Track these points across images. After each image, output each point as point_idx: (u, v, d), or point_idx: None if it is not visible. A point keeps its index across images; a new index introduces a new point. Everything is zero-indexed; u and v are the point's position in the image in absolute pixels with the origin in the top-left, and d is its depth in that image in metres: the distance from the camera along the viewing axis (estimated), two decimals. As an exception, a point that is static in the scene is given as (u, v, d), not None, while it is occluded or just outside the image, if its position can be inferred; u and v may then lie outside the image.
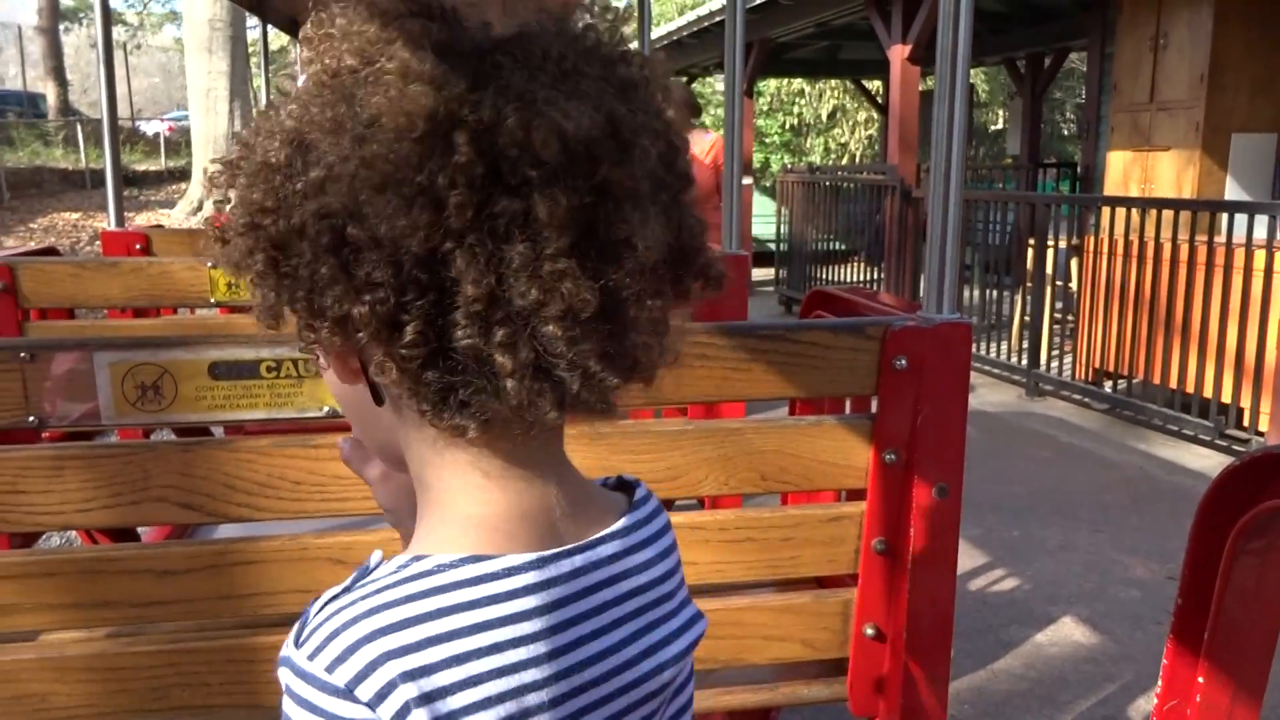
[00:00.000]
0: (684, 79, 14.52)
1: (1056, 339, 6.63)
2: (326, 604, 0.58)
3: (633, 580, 0.64)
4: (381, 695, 0.54)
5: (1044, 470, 4.72)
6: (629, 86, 0.60)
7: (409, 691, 0.55)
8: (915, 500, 1.46)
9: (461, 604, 0.57)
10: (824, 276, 9.39)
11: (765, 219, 11.83)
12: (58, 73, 21.91)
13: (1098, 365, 5.85)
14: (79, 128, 17.63)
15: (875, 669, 1.53)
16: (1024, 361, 6.30)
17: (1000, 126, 18.86)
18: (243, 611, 1.37)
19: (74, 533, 2.69)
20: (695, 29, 11.12)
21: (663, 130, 0.61)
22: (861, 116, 20.15)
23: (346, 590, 0.59)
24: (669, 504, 1.67)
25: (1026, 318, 6.39)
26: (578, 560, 0.61)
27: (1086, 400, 5.93)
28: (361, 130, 0.55)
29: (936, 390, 1.46)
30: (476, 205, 0.54)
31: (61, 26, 23.95)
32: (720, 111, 19.63)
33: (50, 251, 2.67)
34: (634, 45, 0.65)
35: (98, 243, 11.65)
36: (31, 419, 1.25)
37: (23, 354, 1.23)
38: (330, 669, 0.55)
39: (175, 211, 13.89)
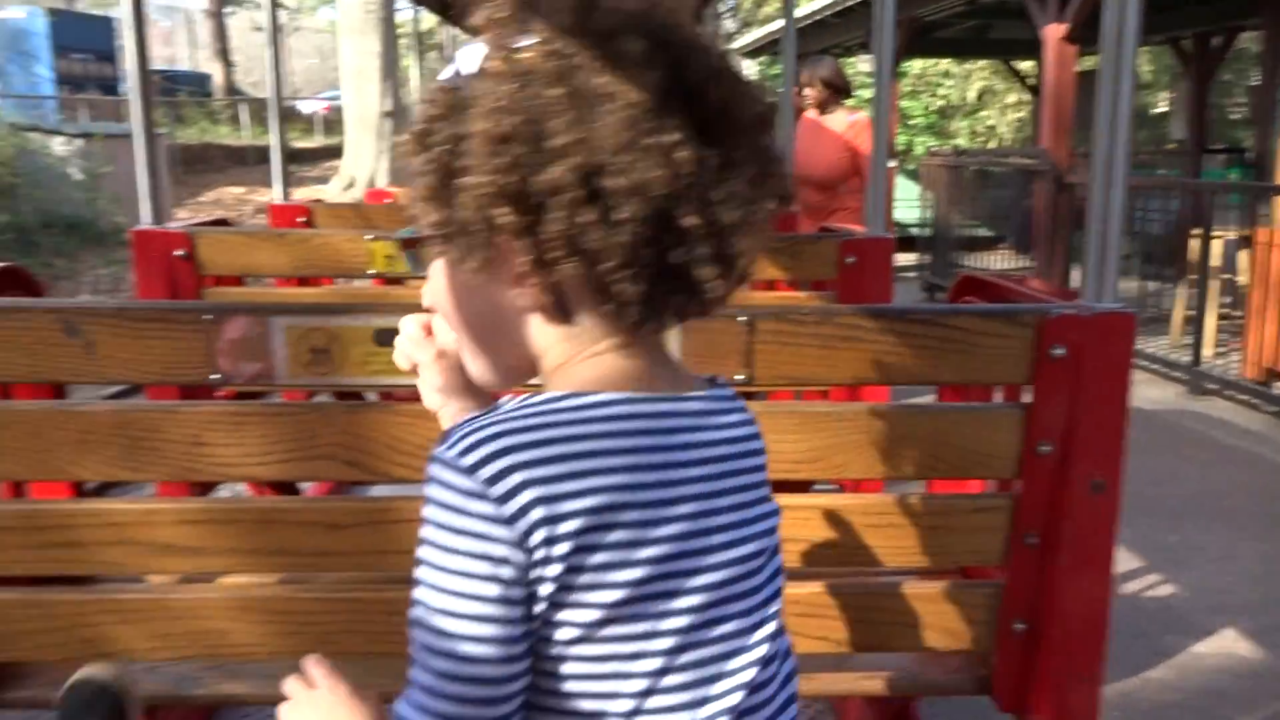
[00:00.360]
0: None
1: (1222, 335, 6.27)
2: (465, 423, 0.69)
3: (715, 434, 0.75)
4: (500, 475, 0.65)
5: (1205, 473, 4.48)
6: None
7: (519, 475, 0.66)
8: (1070, 494, 1.42)
9: (573, 421, 0.69)
10: (969, 263, 9.11)
11: (908, 203, 11.55)
12: (223, 54, 23.13)
13: (1268, 364, 5.50)
14: (242, 107, 18.56)
15: (1023, 665, 1.50)
16: (1185, 358, 5.98)
17: (1163, 110, 17.87)
18: (401, 566, 1.44)
19: (241, 485, 2.86)
20: (839, 8, 10.91)
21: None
22: (1011, 98, 19.40)
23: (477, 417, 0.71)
24: (807, 485, 1.67)
25: (1189, 311, 6.06)
26: (664, 406, 0.73)
27: (1254, 401, 5.58)
28: (597, 104, 0.67)
29: (1095, 382, 1.41)
30: (695, 157, 0.67)
31: (227, 10, 25.23)
32: (862, 93, 19.21)
33: (223, 223, 2.84)
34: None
35: (260, 215, 12.28)
36: (214, 376, 1.34)
37: (207, 316, 1.32)
38: (462, 455, 0.66)
39: (329, 187, 14.49)
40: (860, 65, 17.52)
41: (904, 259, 10.85)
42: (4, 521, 1.42)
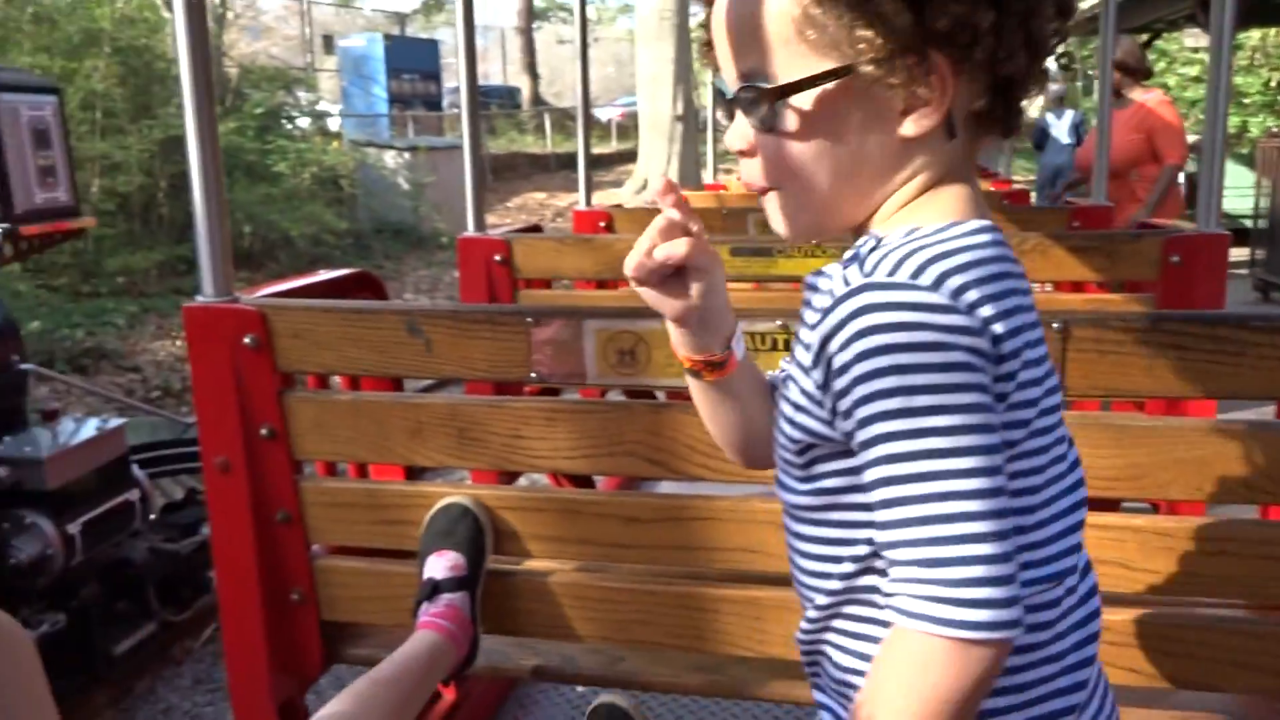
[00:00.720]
0: (1146, 35, 13.11)
1: None
2: (888, 252, 0.75)
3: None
4: (958, 292, 0.70)
5: None
6: None
7: (973, 291, 0.71)
8: None
9: (980, 245, 0.74)
10: (1315, 259, 8.05)
11: (1240, 191, 10.38)
12: (531, 68, 24.71)
13: None
14: (546, 116, 19.75)
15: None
16: None
17: None
18: (693, 562, 1.50)
19: (543, 476, 3.05)
20: (1164, -20, 9.98)
21: None
22: (1375, 69, 16.89)
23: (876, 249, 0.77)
24: (1115, 503, 1.56)
25: None
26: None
27: None
28: None
29: None
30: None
31: (535, 25, 26.94)
32: (1187, 70, 17.45)
33: (535, 229, 3.05)
34: None
35: (560, 218, 13.03)
36: (532, 375, 1.45)
37: (528, 319, 1.43)
38: (915, 276, 0.71)
39: (623, 190, 15.12)
40: (1185, 40, 15.93)
41: (1234, 254, 9.76)
42: (352, 499, 1.61)
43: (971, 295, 0.70)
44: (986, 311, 0.70)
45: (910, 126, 0.76)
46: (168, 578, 2.72)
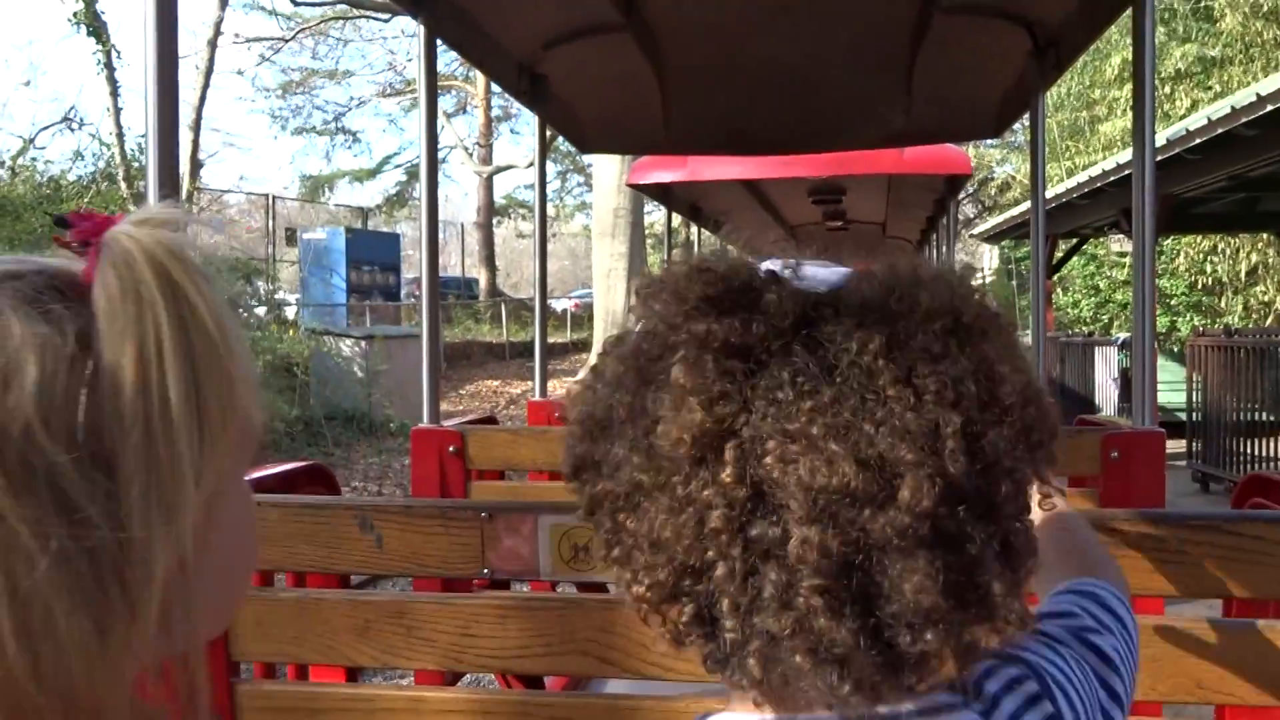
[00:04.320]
0: (1075, 239, 13.88)
1: None
2: None
3: None
4: None
5: None
6: (951, 382, 0.56)
7: None
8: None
9: None
10: (1249, 451, 8.30)
11: (1171, 386, 10.79)
12: (489, 260, 25.41)
13: None
14: (503, 306, 20.18)
15: None
16: None
17: None
18: (645, 771, 1.44)
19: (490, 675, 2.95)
20: (1087, 189, 10.68)
21: (984, 428, 0.57)
22: (1289, 272, 17.95)
23: None
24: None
25: None
26: None
27: None
28: (647, 427, 0.58)
29: None
30: (737, 525, 0.55)
31: (495, 220, 27.89)
32: (1114, 273, 18.43)
33: (490, 420, 3.07)
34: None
35: (513, 406, 13.09)
36: (485, 570, 1.43)
37: (483, 514, 1.43)
38: None
39: (576, 379, 15.32)
40: (1113, 245, 16.89)
41: (1172, 445, 10.02)
42: (292, 703, 1.54)
43: None
44: None
45: None
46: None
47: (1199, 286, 18.18)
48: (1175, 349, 12.78)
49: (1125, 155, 9.54)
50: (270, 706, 1.52)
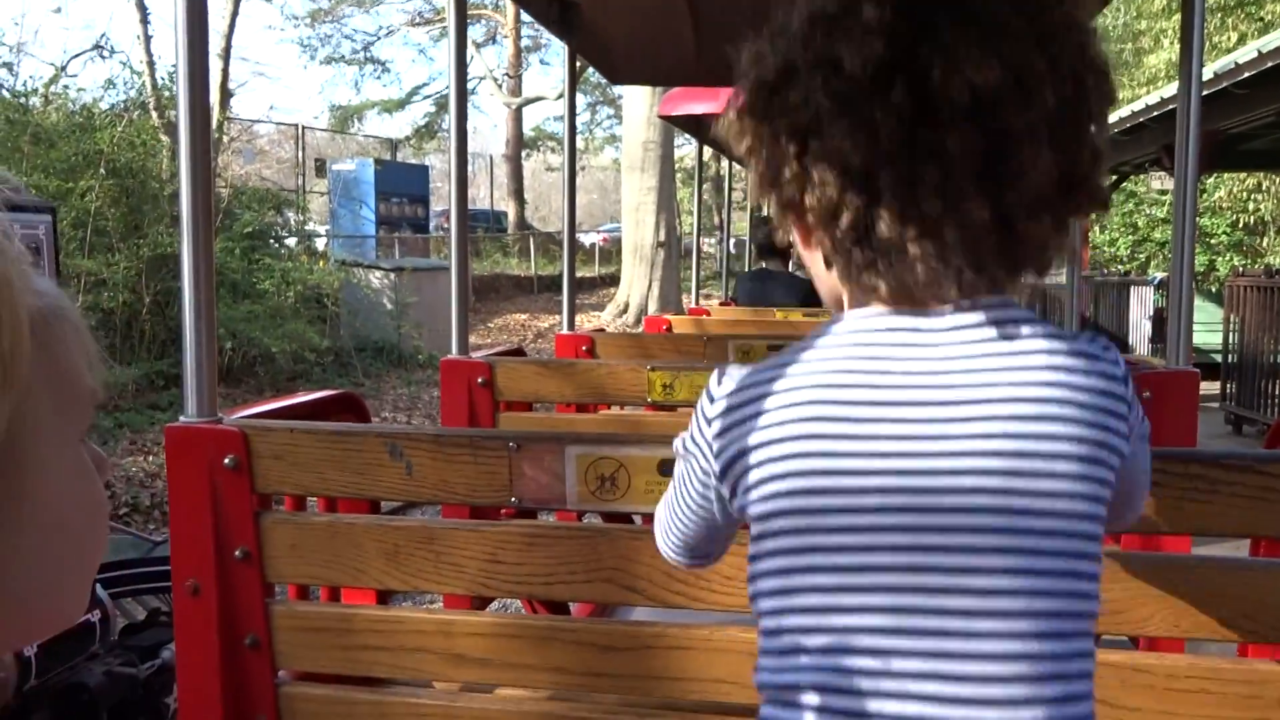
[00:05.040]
0: (1114, 178, 13.58)
1: None
2: None
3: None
4: None
5: None
6: (1047, 36, 0.74)
7: None
8: None
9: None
10: (1284, 394, 8.19)
11: (1207, 327, 10.64)
12: (518, 193, 25.32)
13: None
14: (531, 240, 20.14)
15: None
16: None
17: None
18: (667, 693, 1.47)
19: (517, 601, 3.00)
20: (1129, 124, 10.43)
21: (1071, 73, 0.76)
22: (1335, 212, 17.53)
23: None
24: (1096, 639, 1.54)
25: None
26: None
27: None
28: (829, 67, 0.75)
29: None
30: (903, 136, 0.73)
31: (523, 153, 27.71)
32: (1153, 211, 18.06)
33: (518, 352, 3.08)
34: None
35: (540, 339, 13.14)
36: (513, 499, 1.45)
37: (511, 444, 1.44)
38: None
39: (604, 314, 15.31)
40: (1153, 183, 16.53)
41: (1205, 387, 9.91)
42: (324, 623, 1.58)
43: None
44: None
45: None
46: (123, 703, 2.62)
47: (1240, 226, 17.79)
48: (1213, 289, 12.57)
49: (1168, 90, 9.29)
50: (305, 626, 1.56)
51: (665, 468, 1.40)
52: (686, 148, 18.65)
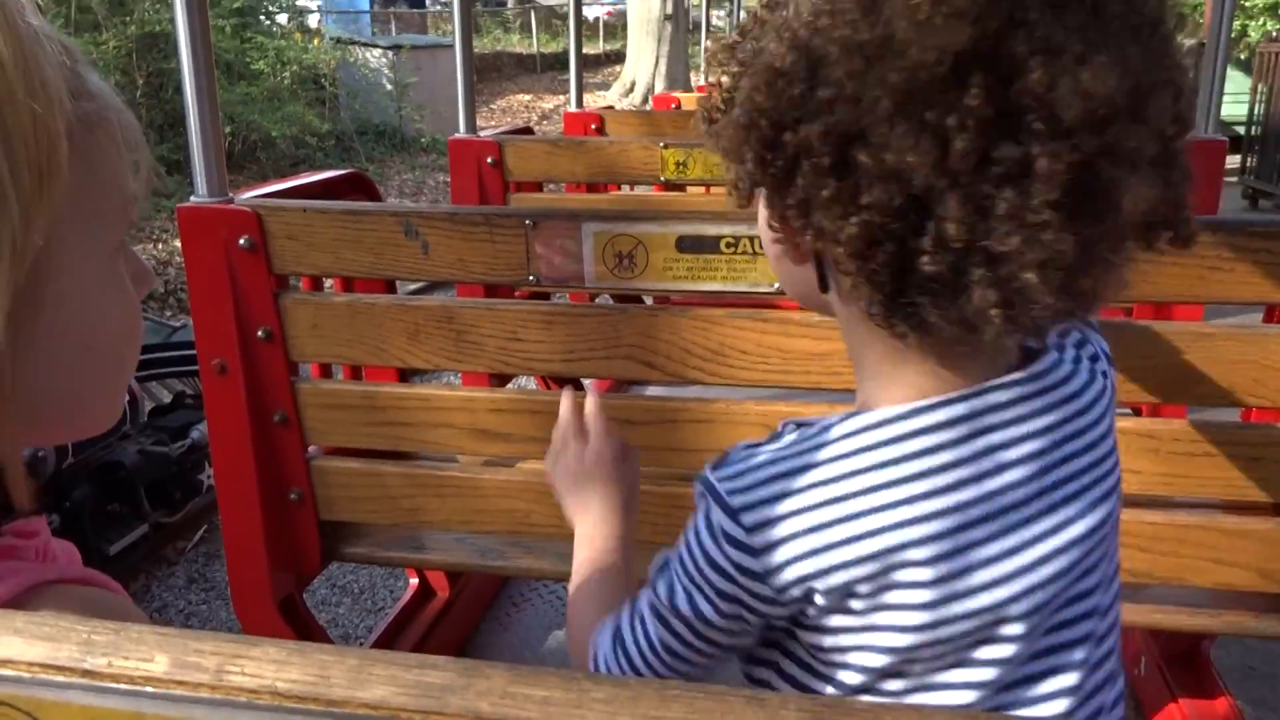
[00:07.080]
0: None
1: None
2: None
3: None
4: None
5: None
6: (1147, 26, 0.58)
7: None
8: None
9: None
10: (1305, 167, 8.03)
11: (1235, 98, 10.28)
12: (516, -38, 23.94)
13: None
14: (533, 15, 19.25)
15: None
16: None
17: None
18: (685, 464, 1.52)
19: (530, 379, 3.07)
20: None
21: (1173, 78, 0.59)
22: (1378, -28, 16.54)
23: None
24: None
25: None
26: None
27: None
28: (882, 54, 0.55)
29: None
30: (980, 150, 0.55)
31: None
32: (1188, -27, 17.07)
33: (526, 131, 3.01)
34: None
35: (545, 121, 12.80)
36: (531, 278, 1.45)
37: (527, 221, 1.42)
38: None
39: (610, 93, 14.83)
40: (1187, -59, 15.50)
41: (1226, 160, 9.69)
42: (348, 400, 1.62)
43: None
44: None
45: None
46: (158, 480, 2.75)
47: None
48: (1243, 56, 12.06)
49: None
50: (331, 404, 1.61)
51: (683, 244, 1.39)
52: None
